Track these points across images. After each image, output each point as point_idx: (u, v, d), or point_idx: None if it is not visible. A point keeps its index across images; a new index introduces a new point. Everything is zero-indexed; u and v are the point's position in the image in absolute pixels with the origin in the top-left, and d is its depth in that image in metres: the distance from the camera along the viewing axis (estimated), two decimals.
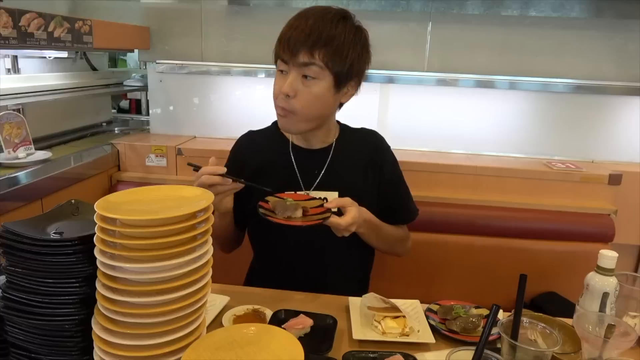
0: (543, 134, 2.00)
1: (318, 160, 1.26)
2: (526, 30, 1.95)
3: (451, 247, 1.72)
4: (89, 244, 0.73)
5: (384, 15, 1.96)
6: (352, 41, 1.12)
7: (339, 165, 1.26)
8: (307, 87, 1.11)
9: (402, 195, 1.35)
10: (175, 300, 0.73)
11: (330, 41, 1.09)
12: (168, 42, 2.09)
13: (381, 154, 1.32)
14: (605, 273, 0.94)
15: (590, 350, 0.83)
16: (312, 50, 1.08)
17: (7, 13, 1.28)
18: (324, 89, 1.12)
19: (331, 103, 1.17)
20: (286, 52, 1.10)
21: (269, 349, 0.74)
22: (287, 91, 1.10)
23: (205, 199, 0.77)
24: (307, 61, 1.09)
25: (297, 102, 1.12)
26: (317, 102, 1.13)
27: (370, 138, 1.34)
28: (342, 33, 1.10)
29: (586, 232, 1.71)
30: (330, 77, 1.12)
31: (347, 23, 1.13)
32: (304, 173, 1.25)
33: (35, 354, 0.77)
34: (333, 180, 1.24)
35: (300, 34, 1.09)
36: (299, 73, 1.11)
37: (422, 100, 2.01)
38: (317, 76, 1.11)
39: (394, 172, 1.33)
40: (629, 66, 1.93)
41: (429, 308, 1.08)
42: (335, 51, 1.09)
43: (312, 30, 1.08)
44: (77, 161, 1.68)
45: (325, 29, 1.09)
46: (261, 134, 1.33)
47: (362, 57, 1.16)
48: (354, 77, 1.17)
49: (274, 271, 1.32)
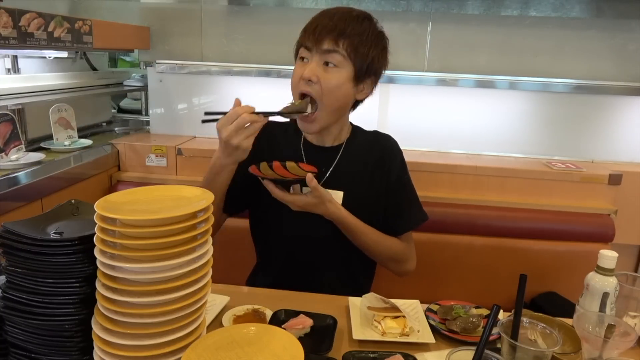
0: (543, 134, 2.00)
1: (327, 158, 1.27)
2: (526, 30, 1.95)
3: (451, 247, 1.72)
4: (89, 244, 0.73)
5: (384, 15, 1.96)
6: (374, 40, 1.17)
7: (347, 166, 1.27)
8: (328, 74, 1.14)
9: (401, 203, 1.32)
10: (175, 300, 0.73)
11: (355, 34, 1.14)
12: (168, 42, 2.09)
13: (390, 158, 1.30)
14: (605, 273, 0.94)
15: (590, 350, 0.83)
16: (337, 39, 1.12)
17: (7, 13, 1.28)
18: (344, 78, 1.15)
19: (350, 96, 1.19)
20: (311, 39, 1.14)
21: (269, 349, 0.74)
22: (309, 75, 1.13)
23: (205, 199, 0.77)
24: (331, 48, 1.13)
25: (320, 86, 1.14)
26: (338, 90, 1.15)
27: (382, 141, 1.33)
28: (366, 30, 1.16)
29: (586, 232, 1.71)
30: (351, 68, 1.15)
31: (372, 23, 1.19)
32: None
33: (35, 354, 0.77)
34: (340, 179, 1.25)
35: (328, 24, 1.13)
36: (321, 60, 1.14)
37: (422, 100, 2.01)
38: (339, 64, 1.14)
39: (400, 178, 1.31)
40: (629, 66, 1.93)
41: (429, 308, 1.08)
42: (359, 44, 1.14)
43: (339, 23, 1.13)
44: (77, 161, 1.68)
45: (351, 23, 1.14)
46: (278, 127, 1.33)
47: (381, 58, 1.20)
48: (372, 75, 1.20)
49: (273, 265, 1.34)
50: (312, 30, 1.14)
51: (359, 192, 1.25)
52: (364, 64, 1.16)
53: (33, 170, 1.47)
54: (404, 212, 1.32)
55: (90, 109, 2.25)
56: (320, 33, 1.13)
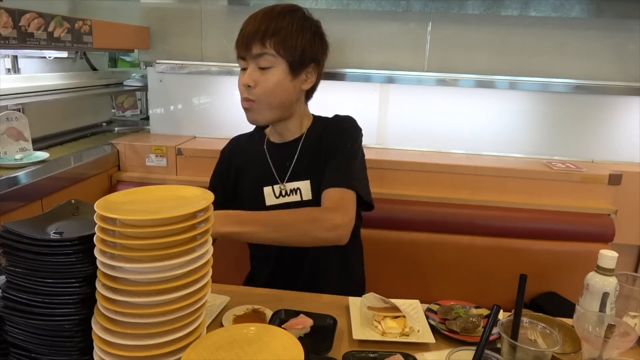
0: (543, 134, 2.00)
1: (289, 152, 1.30)
2: (526, 30, 1.95)
3: (451, 247, 1.72)
4: (89, 244, 0.73)
5: (384, 15, 1.96)
6: (299, 29, 1.19)
7: (308, 155, 1.29)
8: (264, 76, 1.18)
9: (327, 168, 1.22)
10: (175, 300, 0.73)
11: (278, 31, 1.16)
12: (168, 42, 2.09)
13: (330, 129, 1.31)
14: (605, 273, 0.94)
15: (590, 350, 0.83)
16: (263, 41, 1.16)
17: (7, 13, 1.28)
18: (280, 75, 1.19)
19: (290, 89, 1.22)
20: (242, 48, 1.19)
21: (269, 349, 0.74)
22: (247, 82, 1.18)
23: (205, 199, 0.77)
24: (260, 52, 1.17)
25: (258, 89, 1.19)
26: (276, 88, 1.19)
27: (336, 122, 1.33)
28: (289, 23, 1.18)
29: (586, 232, 1.71)
30: (284, 63, 1.18)
31: (296, 15, 1.21)
32: (278, 166, 1.30)
33: (35, 354, 0.77)
34: (303, 169, 1.28)
35: (252, 30, 1.17)
36: (255, 65, 1.19)
37: (422, 100, 2.01)
38: (271, 64, 1.18)
39: (336, 141, 1.26)
40: (629, 66, 1.93)
41: (429, 308, 1.08)
42: (284, 39, 1.17)
43: (261, 24, 1.17)
44: (77, 161, 1.68)
45: (273, 21, 1.17)
46: (245, 137, 1.43)
47: (314, 44, 1.22)
48: (309, 63, 1.23)
49: (266, 264, 1.36)
50: (241, 40, 1.19)
51: (321, 175, 1.24)
52: (295, 56, 1.18)
53: (33, 170, 1.47)
54: (329, 172, 1.21)
55: (90, 109, 2.25)
56: (246, 41, 1.17)
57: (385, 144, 2.05)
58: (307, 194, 1.26)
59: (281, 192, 1.28)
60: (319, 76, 1.28)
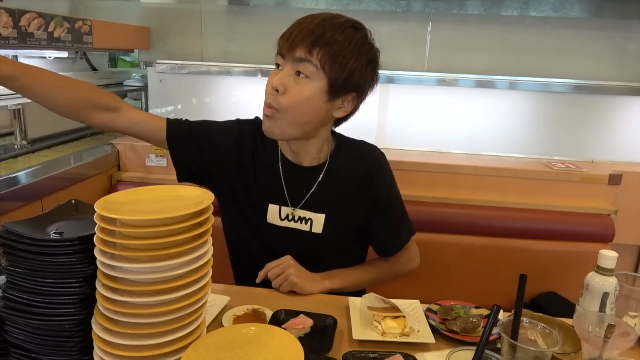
0: (543, 134, 2.00)
1: (307, 178, 1.19)
2: (526, 30, 1.95)
3: (451, 247, 1.72)
4: (89, 244, 0.73)
5: (384, 15, 1.96)
6: (356, 51, 1.06)
7: (329, 187, 1.18)
8: (298, 85, 1.05)
9: (390, 222, 1.25)
10: (175, 300, 0.73)
11: (331, 43, 1.03)
12: (168, 42, 2.09)
13: (378, 176, 1.21)
14: (605, 273, 0.94)
15: (590, 350, 0.83)
16: (311, 48, 1.03)
17: (7, 13, 1.28)
18: (315, 91, 1.06)
19: (322, 111, 1.09)
20: (285, 45, 1.06)
21: (269, 349, 0.74)
22: (277, 84, 1.05)
23: (205, 199, 0.77)
24: (304, 57, 1.03)
25: (285, 99, 1.05)
26: (305, 104, 1.06)
27: (367, 157, 1.22)
28: (347, 40, 1.05)
29: (586, 232, 1.71)
30: (324, 80, 1.05)
31: (357, 33, 1.08)
32: (291, 189, 1.18)
33: (35, 354, 0.77)
34: (321, 201, 1.18)
35: (303, 30, 1.04)
36: (293, 68, 1.05)
37: (422, 100, 2.01)
38: (311, 75, 1.05)
39: (389, 195, 1.23)
40: (629, 66, 1.93)
41: (429, 308, 1.08)
42: (335, 54, 1.03)
43: (316, 29, 1.04)
44: (77, 161, 1.68)
45: (330, 30, 1.04)
46: (261, 140, 1.21)
47: (365, 72, 1.09)
48: (352, 91, 1.09)
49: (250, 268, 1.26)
50: (287, 36, 1.06)
51: (342, 213, 1.19)
52: (340, 76, 1.05)
53: (33, 170, 1.47)
54: (394, 232, 1.25)
55: None
56: (294, 40, 1.04)
57: (385, 144, 2.05)
58: (318, 227, 1.18)
59: (288, 216, 1.18)
60: (355, 108, 1.14)
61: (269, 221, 1.19)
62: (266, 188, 1.19)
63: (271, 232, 1.20)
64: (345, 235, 1.22)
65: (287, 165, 1.19)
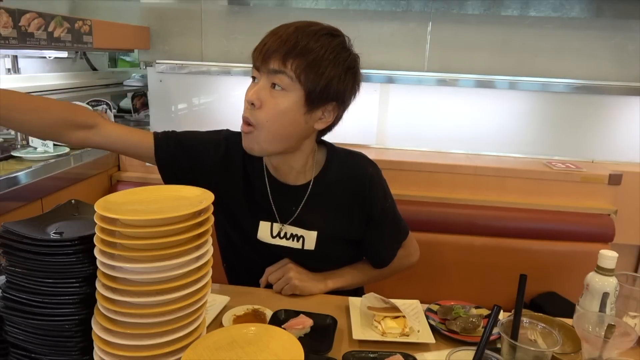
0: (543, 134, 2.00)
1: (295, 195, 1.15)
2: (526, 30, 1.95)
3: (451, 247, 1.72)
4: (89, 244, 0.73)
5: (384, 15, 1.96)
6: (333, 59, 1.01)
7: (319, 203, 1.15)
8: (274, 98, 1.01)
9: (384, 235, 1.22)
10: (175, 300, 0.73)
11: (306, 52, 0.99)
12: (168, 42, 2.09)
13: (371, 190, 1.17)
14: (605, 273, 0.94)
15: (590, 350, 0.83)
16: (284, 58, 0.99)
17: (7, 13, 1.28)
18: (292, 103, 1.01)
19: (300, 124, 1.04)
20: (258, 57, 1.02)
21: (269, 349, 0.74)
22: (252, 99, 1.01)
23: (205, 199, 0.77)
24: (278, 69, 0.99)
25: (262, 113, 1.01)
26: (283, 117, 1.02)
27: (359, 170, 1.18)
28: (322, 48, 1.00)
29: (586, 232, 1.71)
30: (301, 91, 1.00)
31: (333, 40, 1.02)
32: (280, 207, 1.15)
33: (35, 354, 0.77)
34: (311, 219, 1.15)
35: (277, 41, 1.00)
36: (268, 81, 1.01)
37: (422, 100, 2.01)
38: (286, 87, 1.00)
39: (383, 209, 1.20)
40: (628, 66, 1.93)
41: (429, 308, 1.08)
42: (310, 64, 0.99)
43: (290, 38, 0.99)
44: (77, 161, 1.68)
45: (304, 39, 0.99)
46: (242, 150, 1.13)
47: (343, 80, 1.03)
48: (332, 100, 1.04)
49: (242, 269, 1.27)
50: (261, 47, 1.01)
51: (335, 230, 1.16)
52: (317, 86, 1.00)
53: (33, 170, 1.47)
54: (387, 244, 1.24)
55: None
56: (267, 51, 1.00)
57: (385, 144, 2.05)
58: (310, 244, 1.15)
59: (279, 233, 1.15)
60: (337, 118, 1.10)
61: (260, 238, 1.16)
62: (255, 205, 1.16)
63: (264, 249, 1.17)
64: (339, 250, 1.21)
65: (273, 181, 1.16)
